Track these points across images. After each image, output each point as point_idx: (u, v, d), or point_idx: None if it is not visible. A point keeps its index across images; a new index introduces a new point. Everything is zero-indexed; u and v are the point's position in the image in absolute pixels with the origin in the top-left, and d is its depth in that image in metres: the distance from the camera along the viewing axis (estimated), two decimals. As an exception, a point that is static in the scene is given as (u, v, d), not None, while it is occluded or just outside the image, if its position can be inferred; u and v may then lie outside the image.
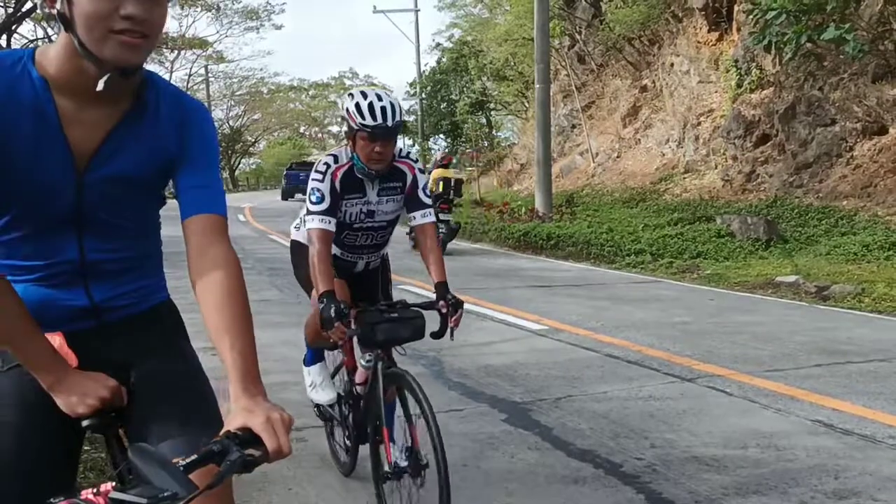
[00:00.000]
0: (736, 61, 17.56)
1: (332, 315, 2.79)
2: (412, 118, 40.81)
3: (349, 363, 3.43)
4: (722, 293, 9.19)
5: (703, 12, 19.18)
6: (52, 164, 1.49)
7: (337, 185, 3.06)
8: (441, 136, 37.75)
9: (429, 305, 2.97)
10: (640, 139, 22.16)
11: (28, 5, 18.52)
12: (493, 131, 35.73)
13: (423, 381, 2.93)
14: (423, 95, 35.98)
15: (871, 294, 8.14)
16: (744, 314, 7.67)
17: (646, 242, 12.54)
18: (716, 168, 17.92)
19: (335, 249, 3.22)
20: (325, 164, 3.10)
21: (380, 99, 2.96)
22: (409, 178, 3.20)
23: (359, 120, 2.93)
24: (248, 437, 1.29)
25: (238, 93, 55.31)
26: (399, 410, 2.92)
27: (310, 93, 66.18)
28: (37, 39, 24.23)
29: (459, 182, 14.08)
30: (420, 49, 37.20)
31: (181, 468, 1.14)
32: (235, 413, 1.35)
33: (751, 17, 13.20)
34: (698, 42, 19.82)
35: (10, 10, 18.78)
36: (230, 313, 1.48)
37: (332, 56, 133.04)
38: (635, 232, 13.56)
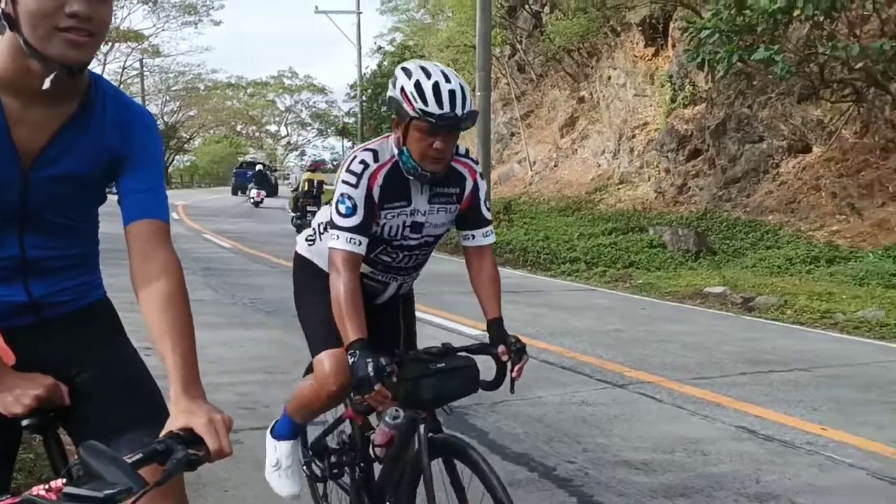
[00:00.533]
0: (670, 77, 18.06)
1: (371, 374, 2.08)
2: (352, 120, 40.66)
3: (359, 419, 2.74)
4: (653, 302, 9.44)
5: (640, 28, 19.67)
6: None
7: (375, 191, 2.33)
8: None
9: (481, 349, 2.40)
10: (576, 149, 22.57)
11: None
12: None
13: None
14: (364, 98, 35.89)
15: (793, 306, 8.48)
16: (674, 323, 7.90)
17: (581, 251, 12.80)
18: (649, 180, 18.38)
19: (364, 268, 2.46)
20: (362, 162, 2.33)
21: (447, 80, 2.22)
22: (469, 184, 2.49)
23: (418, 105, 2.19)
24: (190, 438, 1.32)
25: (174, 88, 54.16)
26: (443, 483, 2.28)
27: (248, 91, 65.28)
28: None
29: (321, 183, 17.91)
30: (361, 51, 37.14)
31: (130, 465, 1.16)
32: (176, 414, 1.38)
33: (685, 34, 13.60)
34: (635, 56, 20.31)
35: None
36: (172, 316, 1.52)
37: (272, 55, 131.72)
38: (571, 240, 13.83)
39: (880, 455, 4.06)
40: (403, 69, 2.28)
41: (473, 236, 2.53)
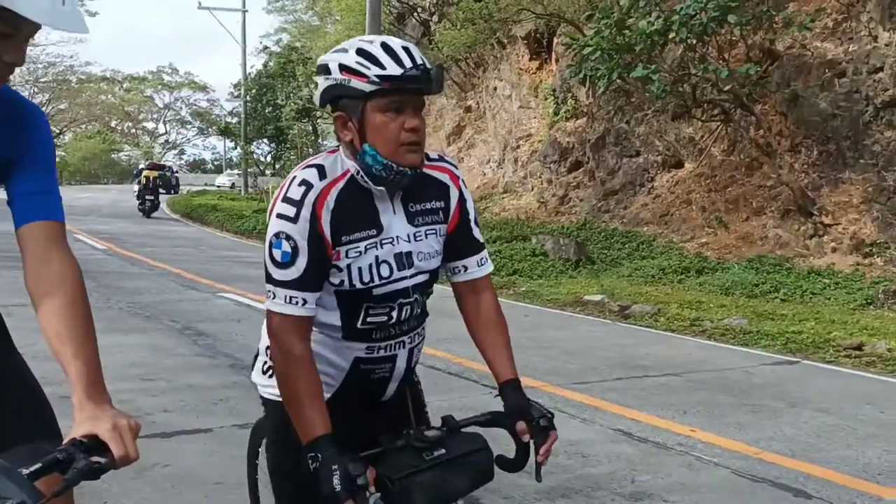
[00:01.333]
0: (554, 90, 18.62)
1: (338, 488, 1.56)
2: (235, 120, 39.68)
3: None
4: (536, 309, 9.71)
5: (525, 41, 20.18)
6: None
7: (325, 221, 1.70)
8: (265, 140, 36.99)
9: (493, 421, 1.88)
10: (463, 158, 22.89)
11: None
12: (320, 139, 35.49)
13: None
14: (248, 98, 35.15)
15: (665, 314, 8.92)
16: (555, 330, 8.16)
17: (466, 258, 12.99)
18: (532, 190, 18.87)
19: (354, 349, 1.83)
20: (303, 183, 1.71)
21: (393, 41, 1.73)
22: (454, 194, 1.90)
23: (373, 71, 1.65)
24: (93, 445, 1.28)
25: (43, 80, 51.34)
26: None
27: (124, 86, 62.68)
28: None
29: (156, 179, 24.56)
30: (246, 50, 36.35)
31: (25, 476, 1.13)
32: (80, 421, 1.33)
33: (569, 50, 14.08)
34: (520, 69, 20.82)
35: None
36: (73, 321, 1.46)
37: (152, 49, 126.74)
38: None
39: (742, 454, 4.34)
40: (334, 51, 1.75)
41: (466, 267, 1.92)
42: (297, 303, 1.71)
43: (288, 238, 1.69)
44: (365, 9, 18.48)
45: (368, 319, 1.80)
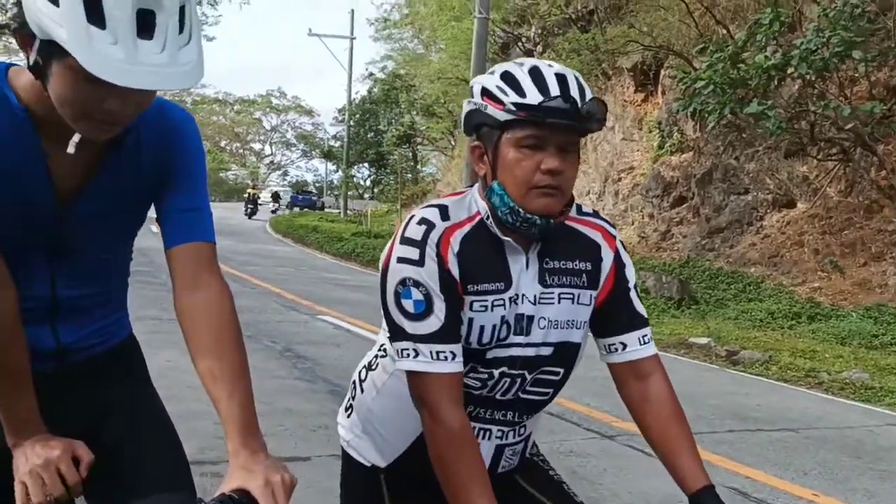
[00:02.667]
0: (659, 123, 18.23)
1: None
2: (338, 144, 40.65)
3: None
4: (637, 349, 9.38)
5: (631, 73, 19.87)
6: (32, 196, 1.38)
7: (451, 263, 1.48)
8: (365, 164, 37.72)
9: None
10: (562, 188, 22.66)
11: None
12: (419, 165, 35.93)
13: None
14: (352, 123, 35.94)
15: (777, 362, 8.46)
16: (658, 372, 7.83)
17: (564, 292, 12.75)
18: (633, 224, 18.46)
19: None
20: (423, 222, 1.50)
21: (550, 66, 1.49)
22: (608, 256, 1.62)
23: (510, 98, 1.44)
24: (244, 500, 1.20)
25: (160, 100, 53.97)
26: None
27: (235, 108, 65.34)
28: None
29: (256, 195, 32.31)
30: (352, 76, 37.24)
31: None
32: (233, 471, 1.25)
33: (678, 83, 13.74)
34: (625, 101, 20.51)
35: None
36: (226, 358, 1.35)
37: (262, 73, 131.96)
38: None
39: (874, 526, 3.99)
40: (489, 72, 1.53)
41: (624, 345, 1.60)
42: (445, 358, 1.44)
43: (417, 284, 1.45)
44: (470, 38, 18.63)
45: (465, 381, 1.51)
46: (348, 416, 1.72)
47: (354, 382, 1.71)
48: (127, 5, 1.16)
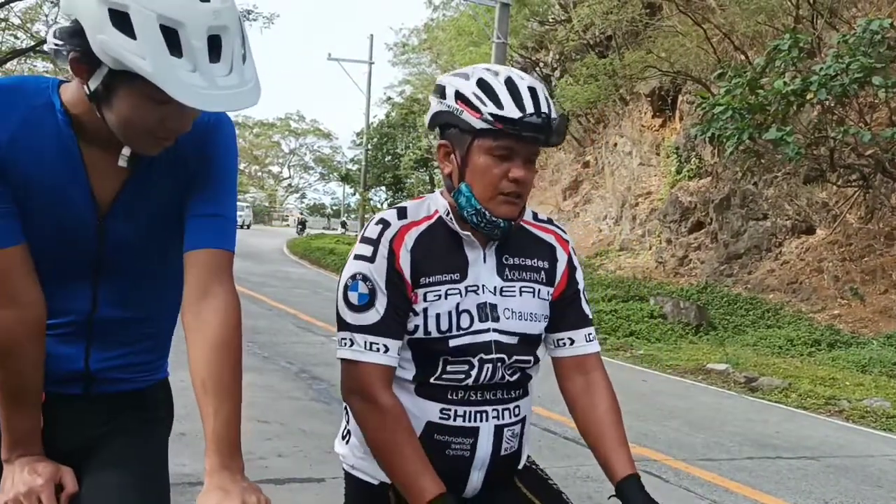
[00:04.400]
0: (677, 148, 18.21)
1: None
2: (355, 167, 40.87)
3: None
4: (654, 375, 9.30)
5: (649, 98, 19.91)
6: (73, 207, 1.39)
7: (403, 261, 1.57)
8: (383, 188, 37.87)
9: None
10: (578, 213, 22.64)
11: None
12: (435, 188, 36.09)
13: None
14: (369, 146, 36.15)
15: (797, 389, 8.35)
16: (676, 399, 7.76)
17: (580, 316, 12.66)
18: (650, 249, 18.39)
19: (427, 411, 1.61)
20: (380, 222, 1.60)
21: (521, 77, 1.56)
22: (563, 259, 1.72)
23: (488, 109, 1.51)
24: None
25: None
26: None
27: (254, 130, 65.92)
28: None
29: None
30: (371, 101, 37.52)
31: None
32: (209, 490, 1.24)
33: (696, 108, 13.74)
34: (642, 126, 20.53)
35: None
36: (220, 370, 1.33)
37: (281, 97, 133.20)
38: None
39: (897, 557, 3.91)
40: (455, 75, 1.60)
41: (572, 340, 1.71)
42: (377, 349, 1.54)
43: (365, 279, 1.55)
44: (488, 63, 18.75)
45: (445, 376, 1.59)
46: (347, 443, 1.73)
47: (346, 408, 1.71)
48: (202, 34, 1.21)
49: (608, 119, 22.41)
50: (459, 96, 1.54)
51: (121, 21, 1.19)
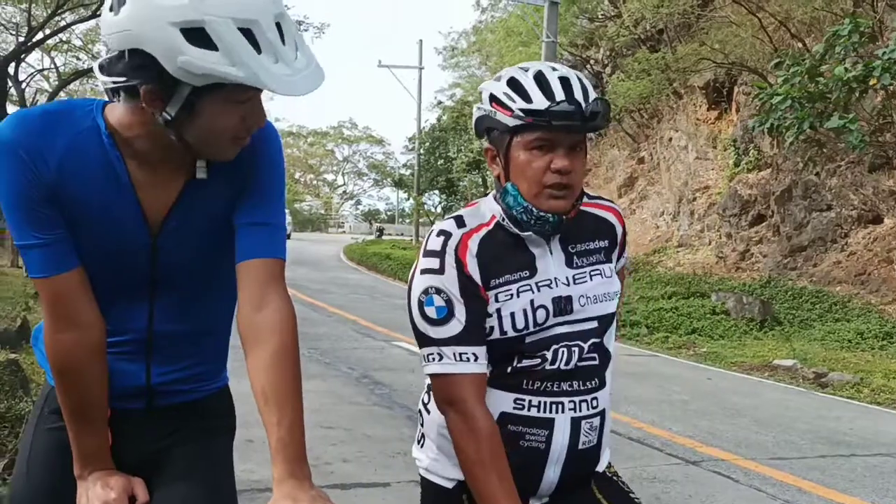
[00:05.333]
0: (734, 141, 17.84)
1: None
2: (408, 172, 41.07)
3: None
4: (719, 372, 9.12)
5: (703, 91, 19.55)
6: (125, 228, 1.42)
7: (471, 267, 1.56)
8: (436, 191, 37.95)
9: None
10: (635, 210, 22.34)
11: (35, 36, 18.65)
12: (489, 191, 36.04)
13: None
14: (422, 151, 36.29)
15: (869, 384, 8.10)
16: (743, 396, 7.59)
17: (641, 314, 12.51)
18: (710, 244, 18.04)
19: (500, 400, 1.60)
20: (441, 233, 1.59)
21: (554, 69, 1.57)
22: (620, 232, 1.73)
23: (518, 105, 1.52)
24: None
25: (236, 135, 55.60)
26: None
27: (308, 140, 66.79)
28: (44, 69, 24.41)
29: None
30: (421, 105, 37.67)
31: None
32: (278, 500, 1.24)
33: (753, 99, 13.43)
34: (697, 119, 20.16)
35: (21, 39, 18.92)
36: (280, 379, 1.33)
37: (333, 105, 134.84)
38: (630, 302, 13.55)
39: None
40: (494, 78, 1.62)
41: None
42: (468, 359, 1.53)
43: (439, 291, 1.55)
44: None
45: (519, 367, 1.59)
46: (422, 446, 1.74)
47: (420, 411, 1.75)
48: (272, 24, 1.24)
49: (662, 114, 22.07)
50: (493, 98, 1.57)
51: (197, 37, 1.20)
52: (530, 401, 1.58)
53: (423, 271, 1.57)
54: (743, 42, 16.19)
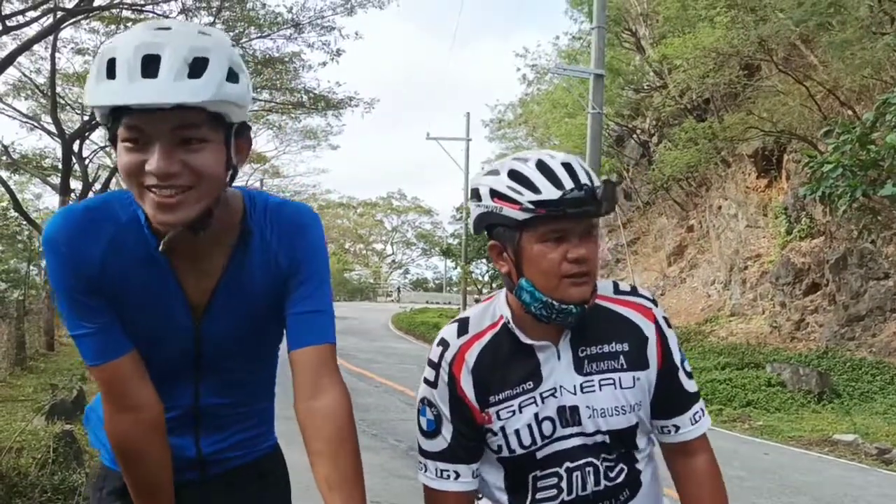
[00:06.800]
0: (786, 208, 17.63)
1: None
2: (456, 241, 41.34)
3: None
4: (776, 447, 8.84)
5: (752, 159, 19.45)
6: (169, 314, 1.47)
7: (465, 384, 1.54)
8: (483, 260, 38.05)
9: None
10: (685, 278, 22.08)
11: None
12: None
13: None
14: (469, 221, 36.59)
15: (936, 461, 7.77)
16: (801, 473, 7.33)
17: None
18: (763, 313, 17.67)
19: None
20: (440, 343, 1.58)
21: (552, 157, 1.51)
22: (651, 333, 1.59)
23: (526, 197, 1.45)
24: None
25: (289, 207, 56.69)
26: None
27: (358, 210, 67.86)
28: (106, 146, 25.43)
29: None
30: (469, 176, 38.11)
31: None
32: None
33: (804, 167, 13.32)
34: (747, 187, 20.01)
35: (87, 118, 19.80)
36: (343, 466, 1.38)
37: (383, 176, 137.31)
38: (682, 374, 13.27)
39: None
40: (486, 173, 1.55)
41: (677, 427, 1.60)
42: (448, 476, 1.55)
43: (430, 405, 1.56)
44: (584, 133, 18.83)
45: (538, 496, 1.53)
46: None
47: None
48: (135, 57, 1.25)
49: (710, 182, 21.98)
50: (495, 193, 1.49)
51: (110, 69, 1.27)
52: None
53: (424, 380, 1.59)
54: (791, 110, 16.15)
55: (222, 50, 1.30)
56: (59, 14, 15.01)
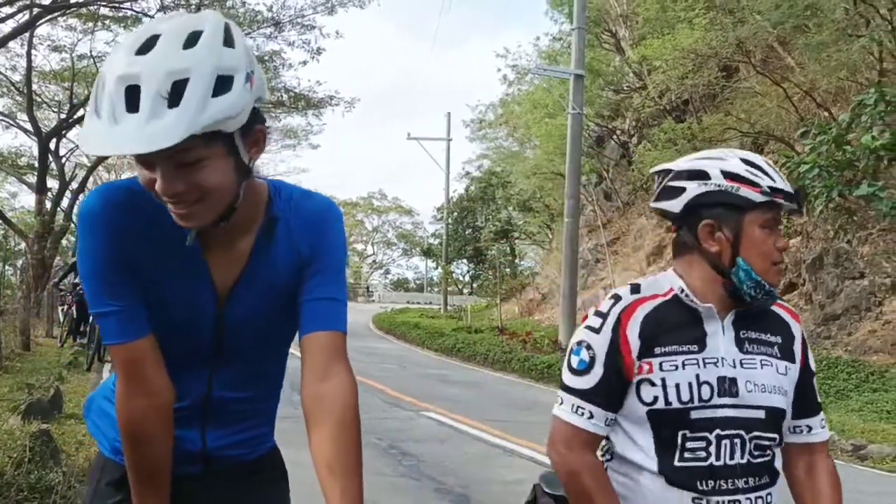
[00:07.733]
0: (763, 209, 17.80)
1: None
2: (437, 242, 41.37)
3: None
4: (753, 444, 8.92)
5: (731, 160, 19.62)
6: (196, 298, 1.48)
7: (630, 335, 1.61)
8: (464, 260, 38.11)
9: None
10: (664, 278, 22.24)
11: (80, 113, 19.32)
12: (517, 259, 36.07)
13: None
14: (450, 220, 36.61)
15: (910, 457, 7.87)
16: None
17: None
18: (741, 313, 17.83)
19: (681, 500, 1.59)
20: (613, 297, 1.68)
21: (755, 156, 1.69)
22: (798, 335, 1.73)
23: (766, 181, 1.60)
24: None
25: (268, 206, 56.46)
26: None
27: (338, 210, 67.58)
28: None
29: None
30: (450, 176, 38.17)
31: None
32: None
33: (781, 168, 13.46)
34: (726, 188, 20.18)
35: (63, 116, 19.61)
36: (344, 451, 1.38)
37: (364, 176, 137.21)
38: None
39: None
40: (696, 158, 1.68)
41: (809, 427, 1.72)
42: (582, 414, 1.63)
43: (588, 347, 1.64)
44: (564, 134, 18.93)
45: (686, 455, 1.59)
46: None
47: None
48: (118, 89, 1.23)
49: (689, 182, 22.14)
50: (728, 174, 1.60)
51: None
52: (708, 500, 1.59)
53: (586, 326, 1.68)
54: (769, 111, 16.33)
55: (207, 60, 1.24)
56: (36, 10, 14.86)
